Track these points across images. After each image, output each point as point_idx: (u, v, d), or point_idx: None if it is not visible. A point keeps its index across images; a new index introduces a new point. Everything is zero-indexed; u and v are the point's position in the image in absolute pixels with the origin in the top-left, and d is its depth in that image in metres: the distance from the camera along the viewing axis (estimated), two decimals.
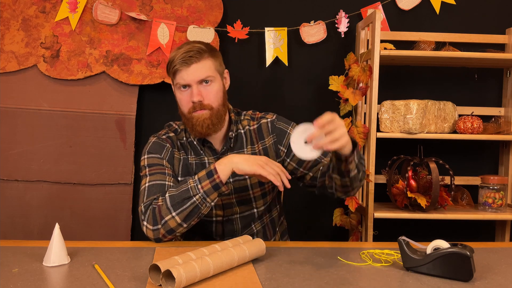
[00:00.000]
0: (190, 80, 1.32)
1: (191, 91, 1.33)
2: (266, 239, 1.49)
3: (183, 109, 1.37)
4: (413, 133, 1.85)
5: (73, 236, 1.97)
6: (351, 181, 1.27)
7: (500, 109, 2.14)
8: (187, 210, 1.24)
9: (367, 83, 1.86)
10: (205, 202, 1.24)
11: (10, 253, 1.21)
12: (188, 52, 1.31)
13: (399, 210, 1.90)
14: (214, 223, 1.44)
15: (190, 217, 1.25)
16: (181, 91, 1.35)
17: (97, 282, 1.02)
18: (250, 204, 1.44)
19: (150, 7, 2.02)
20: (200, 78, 1.32)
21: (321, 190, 1.41)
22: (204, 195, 1.23)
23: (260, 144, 1.44)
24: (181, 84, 1.34)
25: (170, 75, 1.37)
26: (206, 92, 1.34)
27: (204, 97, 1.33)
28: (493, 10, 2.15)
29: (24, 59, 1.99)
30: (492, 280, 1.07)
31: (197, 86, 1.33)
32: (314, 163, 1.40)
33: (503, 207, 1.93)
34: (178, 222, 1.25)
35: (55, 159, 2.03)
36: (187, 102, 1.34)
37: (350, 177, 1.25)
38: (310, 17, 2.09)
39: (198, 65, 1.32)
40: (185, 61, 1.31)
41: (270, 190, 1.46)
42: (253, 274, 1.08)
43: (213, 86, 1.35)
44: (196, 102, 1.33)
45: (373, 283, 1.04)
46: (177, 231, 1.27)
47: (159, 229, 1.26)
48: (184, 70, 1.31)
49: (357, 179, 1.29)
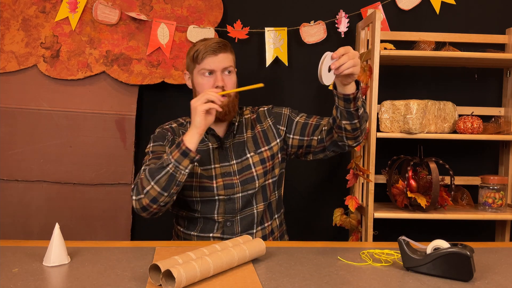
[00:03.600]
0: (216, 66, 1.47)
1: (215, 77, 1.47)
2: (263, 223, 1.55)
3: None
4: (413, 133, 1.85)
5: (73, 236, 1.97)
6: (360, 121, 1.36)
7: (500, 109, 2.14)
8: (163, 178, 1.31)
9: (367, 83, 1.86)
10: (178, 169, 1.31)
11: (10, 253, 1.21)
12: (218, 43, 1.48)
13: (399, 210, 1.90)
14: (216, 202, 1.50)
15: (168, 186, 1.32)
16: (205, 77, 1.48)
17: (97, 282, 1.02)
18: (253, 182, 1.52)
19: (150, 7, 2.02)
20: (225, 66, 1.48)
21: (331, 147, 1.50)
22: (176, 163, 1.31)
23: (259, 127, 1.58)
24: (207, 69, 1.47)
25: (193, 61, 1.50)
26: (228, 80, 1.49)
27: (226, 84, 1.47)
28: (493, 10, 2.15)
29: (24, 59, 1.99)
30: (492, 280, 1.07)
31: (221, 73, 1.48)
32: (315, 127, 1.52)
33: (503, 207, 1.93)
34: (158, 191, 1.33)
35: (55, 159, 2.02)
36: (210, 86, 1.47)
37: (359, 116, 1.35)
38: (310, 17, 2.09)
39: (224, 55, 1.48)
40: (214, 49, 1.46)
41: (271, 169, 1.55)
42: (253, 274, 1.08)
43: (233, 77, 1.51)
44: (220, 86, 1.46)
45: (373, 283, 1.04)
46: (160, 200, 1.34)
47: (141, 198, 1.35)
48: (211, 57, 1.46)
49: (364, 118, 1.38)
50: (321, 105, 2.12)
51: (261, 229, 1.54)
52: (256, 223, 1.53)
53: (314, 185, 2.18)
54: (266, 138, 1.56)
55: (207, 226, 1.52)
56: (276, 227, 1.59)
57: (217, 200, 1.50)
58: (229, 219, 1.51)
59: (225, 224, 1.51)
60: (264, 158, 1.53)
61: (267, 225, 1.56)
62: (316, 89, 2.12)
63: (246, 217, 1.52)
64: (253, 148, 1.54)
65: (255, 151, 1.53)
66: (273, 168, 1.56)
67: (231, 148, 1.53)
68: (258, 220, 1.53)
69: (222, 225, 1.51)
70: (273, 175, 1.57)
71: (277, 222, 1.60)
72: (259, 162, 1.53)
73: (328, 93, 1.98)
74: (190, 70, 1.54)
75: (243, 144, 1.54)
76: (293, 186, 2.12)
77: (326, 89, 1.93)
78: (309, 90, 2.13)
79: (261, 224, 1.55)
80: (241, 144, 1.54)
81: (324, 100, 2.10)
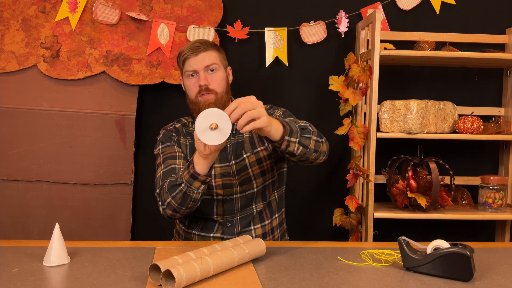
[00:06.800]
0: (197, 66, 1.48)
1: (198, 77, 1.48)
2: (263, 221, 1.55)
3: (191, 94, 1.51)
4: (413, 133, 1.85)
5: (73, 236, 1.97)
6: (304, 156, 1.26)
7: (500, 109, 2.14)
8: (179, 195, 1.31)
9: (367, 83, 1.86)
10: (191, 189, 1.29)
11: (10, 253, 1.21)
12: (196, 43, 1.50)
13: (399, 210, 1.90)
14: (215, 202, 1.51)
15: (184, 202, 1.31)
16: (190, 78, 1.50)
17: (97, 282, 1.02)
18: (251, 183, 1.51)
19: (150, 7, 2.02)
20: (206, 64, 1.48)
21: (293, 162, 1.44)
22: (187, 184, 1.28)
23: None
24: (189, 71, 1.49)
25: (180, 65, 1.53)
26: (212, 78, 1.49)
27: (209, 82, 1.48)
28: (493, 10, 2.15)
29: (24, 59, 1.99)
30: (492, 280, 1.07)
31: (204, 72, 1.48)
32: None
33: (503, 207, 1.93)
34: (175, 205, 1.33)
35: (55, 159, 2.02)
36: (195, 87, 1.49)
37: (298, 155, 1.25)
38: (310, 17, 2.09)
39: (204, 54, 1.48)
40: (193, 50, 1.47)
41: (269, 169, 1.54)
42: (253, 274, 1.08)
43: (218, 74, 1.50)
44: (202, 85, 1.47)
45: (373, 283, 1.04)
46: (180, 212, 1.35)
47: (165, 209, 1.36)
48: (192, 58, 1.48)
49: (310, 152, 1.27)
50: (321, 105, 2.12)
51: (261, 227, 1.55)
52: (256, 221, 1.54)
53: (314, 185, 2.18)
54: (261, 138, 1.54)
55: (208, 226, 1.52)
56: (276, 226, 1.59)
57: (215, 200, 1.50)
58: (229, 220, 1.51)
59: (225, 225, 1.51)
60: (261, 158, 1.52)
61: (267, 222, 1.56)
62: (316, 89, 2.12)
63: (245, 217, 1.53)
64: (250, 148, 1.53)
65: (251, 151, 1.53)
66: (272, 168, 1.55)
67: (230, 148, 1.53)
68: (257, 218, 1.54)
69: (222, 226, 1.51)
70: (273, 175, 1.57)
71: (277, 221, 1.60)
72: (256, 162, 1.52)
73: (328, 93, 1.98)
74: (181, 73, 1.57)
75: (241, 144, 1.54)
76: (293, 186, 2.12)
77: (327, 89, 1.92)
78: (309, 90, 2.13)
79: (261, 222, 1.55)
80: (240, 144, 1.54)
81: (324, 100, 2.10)
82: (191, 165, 1.27)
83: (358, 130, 1.87)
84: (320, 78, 2.09)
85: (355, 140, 1.87)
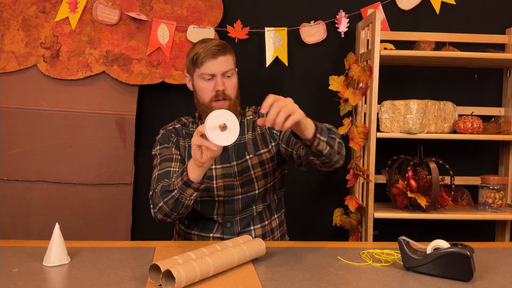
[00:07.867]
0: (216, 70, 1.45)
1: (216, 81, 1.46)
2: (263, 221, 1.55)
3: (205, 97, 1.48)
4: (413, 133, 1.85)
5: (73, 236, 1.97)
6: (329, 157, 1.27)
7: (500, 109, 2.14)
8: (171, 201, 1.30)
9: (367, 83, 1.86)
10: (183, 196, 1.28)
11: (10, 253, 1.21)
12: (217, 46, 1.45)
13: (399, 210, 1.90)
14: (216, 203, 1.50)
15: (176, 208, 1.31)
16: (205, 81, 1.47)
17: (97, 282, 1.02)
18: (252, 184, 1.51)
19: (150, 7, 2.02)
20: (225, 70, 1.46)
21: (308, 166, 1.47)
22: (180, 191, 1.27)
23: (258, 129, 1.56)
24: (207, 74, 1.46)
25: (193, 65, 1.48)
26: (228, 83, 1.47)
27: (226, 88, 1.46)
28: (493, 10, 2.15)
29: (24, 59, 1.99)
30: (492, 280, 1.07)
31: (221, 77, 1.46)
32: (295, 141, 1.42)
33: (503, 207, 1.93)
34: (167, 210, 1.32)
35: (55, 159, 2.02)
36: (210, 91, 1.46)
37: (325, 155, 1.26)
38: (310, 17, 2.09)
39: (223, 58, 1.46)
40: (213, 53, 1.44)
41: (271, 172, 1.54)
42: (253, 274, 1.08)
43: (233, 80, 1.49)
44: (220, 90, 1.45)
45: (373, 283, 1.04)
46: (171, 217, 1.34)
47: (156, 213, 1.36)
48: (211, 61, 1.44)
49: (334, 153, 1.29)
50: (321, 105, 2.12)
51: (261, 227, 1.55)
52: (255, 221, 1.53)
53: (314, 185, 2.18)
54: (265, 140, 1.54)
55: (208, 226, 1.52)
56: (276, 227, 1.59)
57: (217, 201, 1.50)
58: (229, 220, 1.51)
59: (225, 225, 1.51)
60: (264, 160, 1.52)
61: (267, 223, 1.56)
62: (316, 89, 2.12)
63: (245, 217, 1.53)
64: (253, 150, 1.53)
65: (254, 153, 1.52)
66: (274, 171, 1.55)
67: (232, 149, 1.53)
68: (257, 218, 1.54)
69: (222, 226, 1.51)
70: (275, 177, 1.56)
71: (277, 221, 1.60)
72: (258, 164, 1.51)
73: (328, 93, 1.98)
74: (190, 72, 1.53)
75: (244, 145, 1.54)
76: (293, 186, 2.12)
77: (327, 89, 1.92)
78: (309, 90, 2.12)
79: (261, 222, 1.55)
80: (242, 145, 1.54)
81: (324, 100, 2.10)
82: (184, 172, 1.26)
83: (358, 130, 1.87)
84: (320, 78, 2.09)
85: (355, 140, 1.87)
